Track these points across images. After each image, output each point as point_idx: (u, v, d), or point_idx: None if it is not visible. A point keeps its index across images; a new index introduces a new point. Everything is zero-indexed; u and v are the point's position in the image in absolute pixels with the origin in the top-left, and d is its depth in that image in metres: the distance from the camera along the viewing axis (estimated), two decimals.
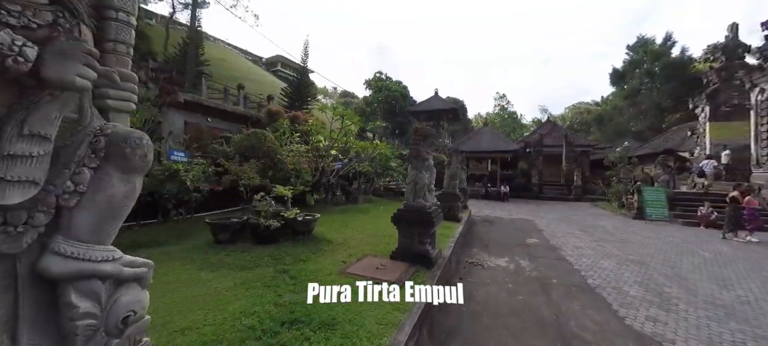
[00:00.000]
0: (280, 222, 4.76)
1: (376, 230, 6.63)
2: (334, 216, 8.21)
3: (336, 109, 9.53)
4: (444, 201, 8.36)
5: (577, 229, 10.28)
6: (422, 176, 4.40)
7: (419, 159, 4.43)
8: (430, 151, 4.57)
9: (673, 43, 46.26)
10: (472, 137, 24.71)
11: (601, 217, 13.31)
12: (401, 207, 4.58)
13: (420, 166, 4.42)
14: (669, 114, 44.48)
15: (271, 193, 5.36)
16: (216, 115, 15.54)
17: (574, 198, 20.37)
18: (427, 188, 4.52)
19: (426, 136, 4.44)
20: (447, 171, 8.52)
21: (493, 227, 10.05)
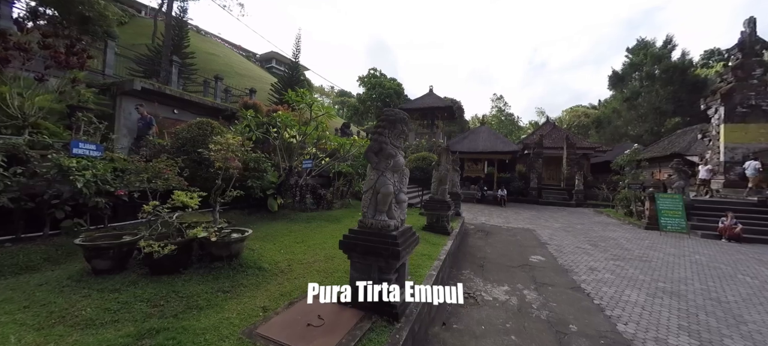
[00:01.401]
0: (174, 245, 3.26)
1: (336, 249, 5.14)
2: (294, 227, 6.74)
3: (303, 97, 8.02)
4: (431, 209, 6.93)
5: (586, 242, 8.89)
6: (386, 180, 2.95)
7: (382, 155, 2.98)
8: (401, 144, 3.12)
9: (673, 46, 45.61)
10: (467, 137, 23.31)
11: (608, 227, 11.96)
12: (355, 227, 3.13)
13: (382, 165, 2.97)
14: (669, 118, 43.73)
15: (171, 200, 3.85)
16: (183, 107, 13.98)
17: (575, 203, 19.05)
18: (394, 199, 3.07)
19: (393, 122, 3.00)
20: (435, 173, 7.10)
21: (490, 240, 8.62)
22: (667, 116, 43.39)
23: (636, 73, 47.98)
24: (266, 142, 9.59)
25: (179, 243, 3.41)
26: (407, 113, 3.12)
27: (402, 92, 38.43)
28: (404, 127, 3.09)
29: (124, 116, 12.32)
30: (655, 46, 46.92)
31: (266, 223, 7.03)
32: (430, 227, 6.92)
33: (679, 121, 41.77)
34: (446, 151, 7.06)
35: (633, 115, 46.98)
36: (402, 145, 3.17)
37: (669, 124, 42.62)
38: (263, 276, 3.69)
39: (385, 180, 2.96)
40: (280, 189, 8.24)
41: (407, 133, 3.20)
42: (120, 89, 12.21)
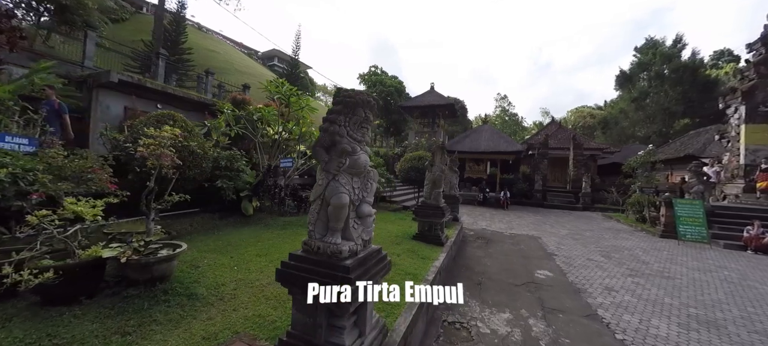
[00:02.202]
0: (54, 271, 2.41)
1: None
2: (265, 234, 5.91)
3: (280, 88, 7.18)
4: (422, 216, 6.07)
5: (597, 252, 7.99)
6: (338, 186, 2.10)
7: (334, 152, 2.13)
8: (363, 136, 2.26)
9: (683, 45, 44.32)
10: (469, 136, 22.37)
11: (620, 234, 11.02)
12: (298, 252, 2.27)
13: (334, 165, 2.12)
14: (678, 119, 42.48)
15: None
16: (167, 102, 13.21)
17: (582, 207, 18.08)
18: (352, 212, 2.22)
19: (352, 106, 2.15)
20: (428, 174, 6.24)
21: (490, 249, 7.74)
22: (676, 117, 42.17)
23: (644, 73, 46.75)
24: (247, 140, 8.80)
25: (69, 267, 2.58)
26: (372, 99, 2.26)
27: (403, 90, 37.51)
28: (367, 113, 2.24)
29: (101, 110, 11.57)
30: (665, 45, 45.63)
31: (235, 229, 6.21)
32: (422, 236, 6.07)
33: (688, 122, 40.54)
34: (441, 149, 6.20)
35: (641, 115, 45.81)
36: (366, 139, 2.32)
37: (678, 125, 41.41)
38: (191, 307, 2.85)
39: (338, 187, 2.11)
40: (257, 190, 7.43)
41: (372, 121, 2.35)
42: (96, 81, 11.46)
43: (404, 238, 6.22)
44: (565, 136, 25.53)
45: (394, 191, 12.00)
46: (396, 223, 7.82)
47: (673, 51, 44.56)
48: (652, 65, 45.35)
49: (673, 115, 42.31)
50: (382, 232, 6.69)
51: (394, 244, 5.73)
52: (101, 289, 3.01)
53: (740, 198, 13.35)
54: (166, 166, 3.46)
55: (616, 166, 25.81)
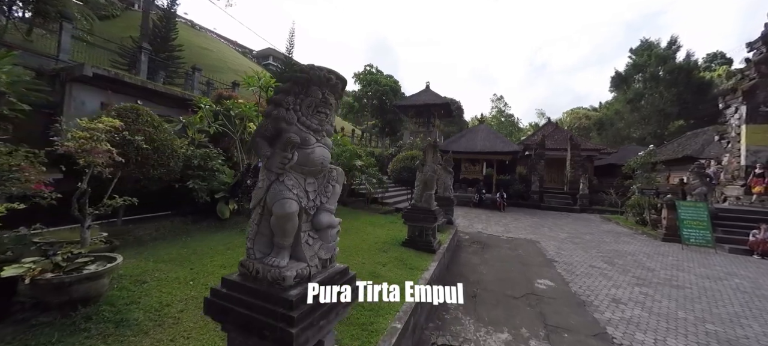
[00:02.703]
0: None
1: None
2: (237, 240, 5.36)
3: (252, 81, 6.61)
4: (412, 220, 5.55)
5: (599, 258, 7.52)
6: (282, 190, 1.58)
7: (279, 144, 1.60)
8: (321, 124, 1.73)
9: (678, 47, 44.50)
10: (465, 136, 21.91)
11: (621, 237, 10.59)
12: (233, 276, 1.72)
13: (277, 161, 1.59)
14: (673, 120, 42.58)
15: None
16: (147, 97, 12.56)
17: (579, 209, 17.69)
18: (306, 223, 1.69)
19: (305, 85, 1.64)
20: (419, 175, 5.73)
21: (487, 255, 7.24)
22: (671, 119, 42.29)
23: (639, 75, 46.86)
24: (228, 138, 8.23)
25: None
26: (334, 76, 1.73)
27: (399, 90, 37.04)
28: (326, 94, 1.72)
29: (74, 105, 10.85)
30: (660, 47, 45.77)
31: (207, 235, 5.64)
32: (412, 243, 5.55)
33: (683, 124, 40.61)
34: (433, 147, 5.69)
35: (636, 117, 45.89)
36: (325, 127, 1.79)
37: (673, 126, 41.50)
38: (117, 338, 2.29)
39: (282, 190, 1.58)
40: (235, 192, 6.86)
41: (334, 104, 1.82)
42: (69, 75, 10.79)
43: (392, 244, 5.70)
44: (561, 136, 25.21)
45: (387, 193, 11.48)
46: (385, 227, 7.29)
47: (668, 53, 44.74)
48: (647, 67, 45.47)
49: (667, 116, 42.42)
50: (369, 237, 6.15)
51: (380, 252, 5.20)
52: (12, 313, 2.45)
53: (741, 200, 13.02)
54: (99, 163, 2.89)
55: (612, 168, 25.53)
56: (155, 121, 5.74)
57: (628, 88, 47.78)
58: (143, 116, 5.55)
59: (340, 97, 1.89)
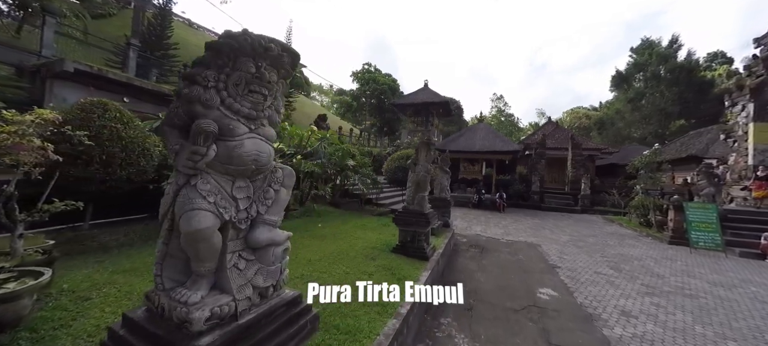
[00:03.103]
0: None
1: None
2: None
3: None
4: (403, 224, 5.11)
5: (604, 263, 7.08)
6: (193, 200, 1.14)
7: (195, 134, 1.16)
8: (254, 108, 1.29)
9: (679, 46, 44.07)
10: (464, 135, 21.45)
11: (625, 240, 10.15)
12: (137, 312, 1.28)
13: (185, 158, 1.15)
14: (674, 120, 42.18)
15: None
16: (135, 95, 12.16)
17: (581, 210, 17.25)
18: (235, 245, 1.25)
19: (233, 55, 1.20)
20: (411, 175, 5.28)
21: (485, 260, 6.80)
22: (672, 118, 41.88)
23: (640, 74, 46.48)
24: None
25: None
26: (274, 45, 1.29)
27: (397, 89, 36.59)
28: (264, 69, 1.29)
29: (55, 102, 10.43)
30: (661, 46, 45.34)
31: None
32: (403, 249, 5.10)
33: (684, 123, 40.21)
34: (426, 145, 5.25)
35: (637, 116, 45.51)
36: (264, 112, 1.35)
37: (674, 126, 41.09)
38: None
39: (193, 198, 1.15)
40: None
41: (275, 83, 1.37)
42: (49, 71, 10.39)
43: (382, 250, 5.26)
44: (562, 136, 24.78)
45: (381, 193, 11.04)
46: (377, 230, 6.85)
47: (669, 52, 44.33)
48: (648, 66, 45.07)
49: (669, 116, 42.01)
50: (358, 242, 5.71)
51: (368, 259, 4.75)
52: None
53: (749, 200, 12.59)
54: (27, 162, 2.44)
55: (614, 168, 25.08)
56: (125, 116, 5.29)
57: (628, 87, 47.39)
58: (111, 111, 5.11)
59: (289, 75, 1.45)
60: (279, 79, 1.38)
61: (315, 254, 4.74)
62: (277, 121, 1.44)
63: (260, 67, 1.27)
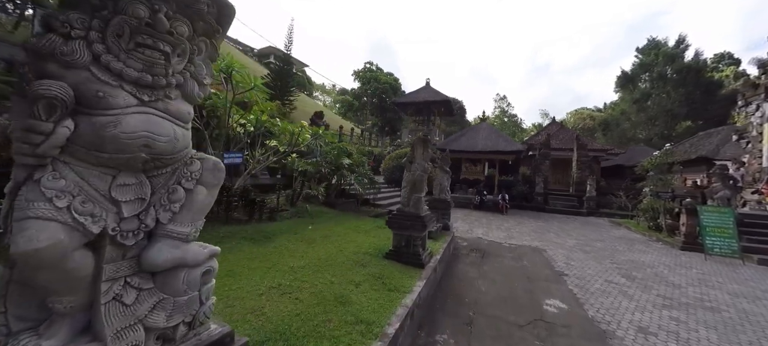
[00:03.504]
0: None
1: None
2: None
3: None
4: (398, 228, 4.70)
5: (615, 271, 6.62)
6: (35, 206, 0.72)
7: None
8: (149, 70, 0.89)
9: (686, 46, 43.28)
10: (465, 134, 20.98)
11: (634, 245, 9.66)
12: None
13: (20, 143, 0.74)
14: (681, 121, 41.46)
15: None
16: None
17: (586, 212, 16.74)
18: (119, 269, 0.84)
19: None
20: (406, 174, 4.87)
21: (486, 266, 6.36)
22: (678, 119, 41.16)
23: (646, 74, 45.79)
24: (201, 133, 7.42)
25: None
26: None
27: (399, 88, 36.18)
28: (158, 12, 0.87)
29: None
30: (667, 46, 44.54)
31: None
32: (397, 254, 4.69)
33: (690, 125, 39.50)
34: (423, 142, 4.83)
35: (642, 117, 44.85)
36: (169, 76, 0.94)
37: (680, 127, 40.38)
38: None
39: (33, 200, 0.73)
40: None
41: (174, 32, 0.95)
42: None
43: (374, 256, 4.84)
44: (566, 136, 24.25)
45: (379, 193, 10.63)
46: (371, 233, 6.43)
47: (676, 52, 43.53)
48: (654, 66, 44.33)
49: (675, 117, 41.30)
50: (349, 246, 5.30)
51: (357, 266, 4.34)
52: None
53: (763, 204, 12.06)
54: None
55: (620, 169, 24.54)
56: None
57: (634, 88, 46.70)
58: None
59: (216, 33, 1.05)
60: (196, 36, 0.97)
61: (300, 260, 4.34)
62: (194, 94, 1.04)
63: (157, 11, 0.87)
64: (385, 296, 3.42)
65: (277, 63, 51.50)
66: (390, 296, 3.46)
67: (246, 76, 5.88)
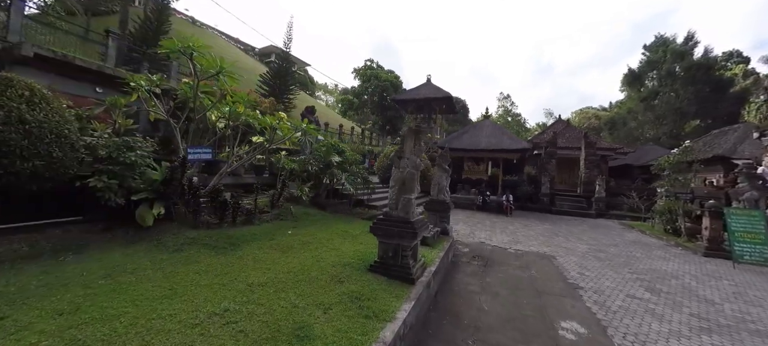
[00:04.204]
0: None
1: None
2: (139, 258, 3.80)
3: (173, 45, 5.01)
4: (384, 235, 3.95)
5: (636, 282, 5.81)
6: None
7: None
8: None
9: (695, 43, 42.06)
10: (468, 132, 20.14)
11: (653, 251, 8.83)
12: None
13: None
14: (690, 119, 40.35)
15: None
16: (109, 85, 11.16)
17: (595, 214, 15.88)
18: None
19: None
20: (395, 171, 4.10)
21: (490, 278, 5.58)
22: (687, 118, 40.03)
23: (654, 72, 44.69)
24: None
25: None
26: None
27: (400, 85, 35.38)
28: None
29: None
30: (676, 43, 43.34)
31: (104, 252, 4.09)
32: (383, 267, 3.93)
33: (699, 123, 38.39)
34: (413, 133, 4.06)
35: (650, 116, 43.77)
36: None
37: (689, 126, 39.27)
38: None
39: None
40: (168, 192, 5.31)
41: None
42: (8, 56, 9.43)
43: (356, 268, 4.09)
44: (573, 135, 23.35)
45: (373, 194, 9.88)
46: (358, 240, 5.66)
47: (685, 49, 42.34)
48: (662, 63, 43.21)
49: (684, 115, 40.19)
50: (329, 256, 4.55)
51: (333, 282, 3.58)
52: None
53: None
54: None
55: (628, 169, 23.57)
56: (36, 95, 4.21)
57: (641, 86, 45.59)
58: (17, 88, 4.03)
59: None
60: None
61: (263, 275, 3.60)
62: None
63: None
64: (359, 327, 2.66)
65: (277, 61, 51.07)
66: (366, 325, 2.70)
67: (210, 59, 5.14)
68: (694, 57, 40.88)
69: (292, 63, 42.46)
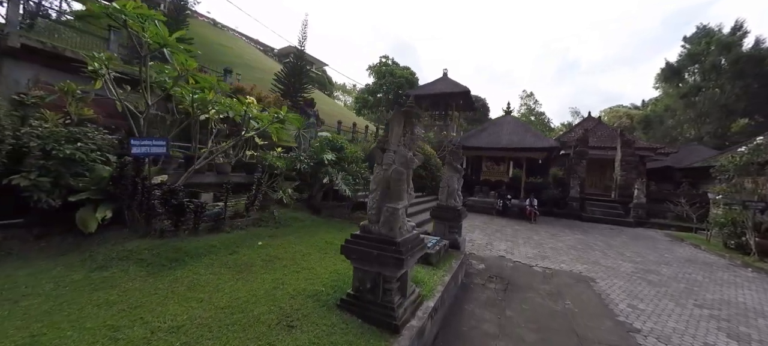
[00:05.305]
0: None
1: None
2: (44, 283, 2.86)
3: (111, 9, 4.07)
4: (361, 261, 2.80)
5: (712, 324, 4.34)
6: None
7: None
8: None
9: (744, 33, 37.72)
10: (487, 129, 18.57)
11: (716, 272, 7.16)
12: None
13: None
14: (737, 117, 36.37)
15: None
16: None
17: (634, 222, 13.97)
18: None
19: None
20: (377, 170, 2.96)
21: (511, 311, 4.31)
22: (735, 116, 36.08)
23: (695, 66, 40.75)
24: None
25: None
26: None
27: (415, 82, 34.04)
28: None
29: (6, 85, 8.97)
30: (722, 34, 39.12)
31: (19, 266, 3.22)
32: (356, 304, 2.79)
33: (749, 122, 34.49)
34: (403, 116, 2.90)
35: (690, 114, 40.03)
36: None
37: (737, 125, 35.39)
38: None
39: None
40: (114, 194, 4.43)
41: None
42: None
43: (321, 303, 2.97)
44: (605, 133, 21.20)
45: None
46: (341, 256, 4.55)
47: (732, 40, 38.14)
48: (705, 56, 39.30)
49: (730, 113, 36.30)
50: (293, 280, 3.45)
51: (280, 327, 2.48)
52: None
53: None
54: None
55: (668, 171, 21.14)
56: None
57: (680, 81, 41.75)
58: None
59: None
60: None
61: (187, 312, 2.55)
62: None
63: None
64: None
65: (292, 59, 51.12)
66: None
67: (153, 27, 4.19)
68: (742, 49, 36.78)
69: (308, 61, 42.11)
